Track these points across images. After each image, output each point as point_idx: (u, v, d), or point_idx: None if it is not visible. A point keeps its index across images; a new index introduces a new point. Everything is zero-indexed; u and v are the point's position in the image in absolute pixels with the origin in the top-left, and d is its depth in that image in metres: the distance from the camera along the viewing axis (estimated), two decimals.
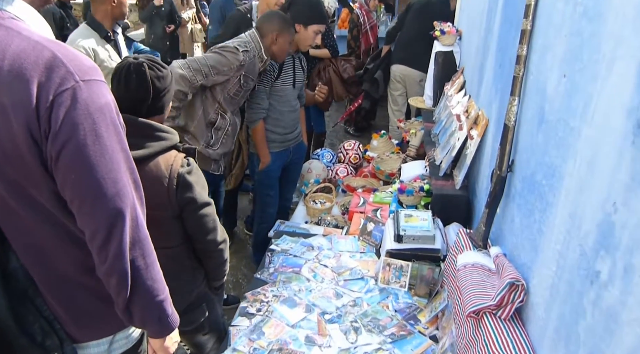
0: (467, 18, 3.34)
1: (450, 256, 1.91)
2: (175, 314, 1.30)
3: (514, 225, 1.59)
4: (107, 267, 1.11)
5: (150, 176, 1.60)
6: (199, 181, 1.71)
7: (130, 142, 1.50)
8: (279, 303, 1.99)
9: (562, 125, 1.23)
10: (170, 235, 1.73)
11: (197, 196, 1.68)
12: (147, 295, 1.17)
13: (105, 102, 1.06)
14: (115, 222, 1.08)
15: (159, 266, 1.23)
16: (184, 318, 1.78)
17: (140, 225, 1.15)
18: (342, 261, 2.25)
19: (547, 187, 1.31)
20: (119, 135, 1.10)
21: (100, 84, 1.06)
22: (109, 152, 1.06)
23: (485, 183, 2.07)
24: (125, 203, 1.09)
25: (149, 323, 1.23)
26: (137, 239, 1.13)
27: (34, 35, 1.03)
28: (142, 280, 1.16)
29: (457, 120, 2.54)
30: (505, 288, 1.36)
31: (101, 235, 1.08)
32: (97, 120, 1.03)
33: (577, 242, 1.07)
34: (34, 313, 1.17)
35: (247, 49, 2.59)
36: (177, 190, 1.64)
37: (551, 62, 1.37)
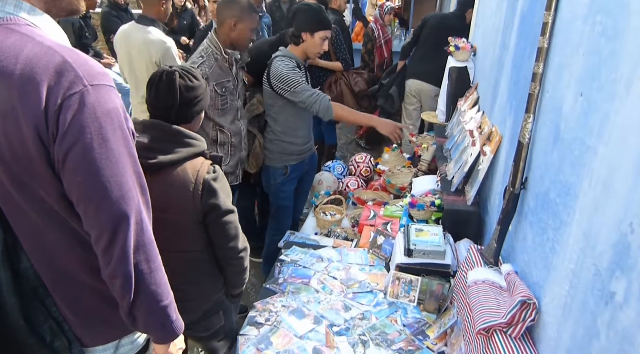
0: (482, 34, 3.35)
1: (461, 272, 1.90)
2: (180, 320, 1.30)
3: (526, 242, 1.58)
4: (111, 269, 1.12)
5: (177, 181, 1.64)
6: (223, 189, 1.73)
7: (160, 146, 1.66)
8: (287, 314, 1.99)
9: (578, 143, 1.23)
10: (192, 240, 1.75)
11: (221, 203, 1.71)
12: (150, 299, 1.19)
13: (113, 107, 1.08)
14: (120, 225, 1.10)
15: (164, 272, 1.24)
16: (201, 324, 1.87)
17: (145, 229, 1.16)
18: (351, 273, 2.25)
19: (561, 206, 1.30)
20: (126, 140, 1.12)
21: (109, 89, 1.09)
22: (115, 155, 1.08)
23: (498, 200, 2.06)
24: (130, 206, 1.11)
25: (152, 328, 1.24)
26: (141, 243, 1.15)
27: (46, 41, 1.05)
28: (145, 284, 1.17)
29: (470, 136, 2.54)
30: (517, 306, 1.35)
31: (106, 238, 1.09)
32: (103, 123, 1.06)
33: (591, 262, 1.06)
34: (43, 313, 1.19)
35: (203, 60, 2.54)
36: (202, 195, 1.66)
37: (568, 80, 1.37)
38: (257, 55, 3.08)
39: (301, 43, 2.79)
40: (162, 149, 1.64)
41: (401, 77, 4.83)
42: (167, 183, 1.65)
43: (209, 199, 1.68)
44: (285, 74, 2.71)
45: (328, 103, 2.78)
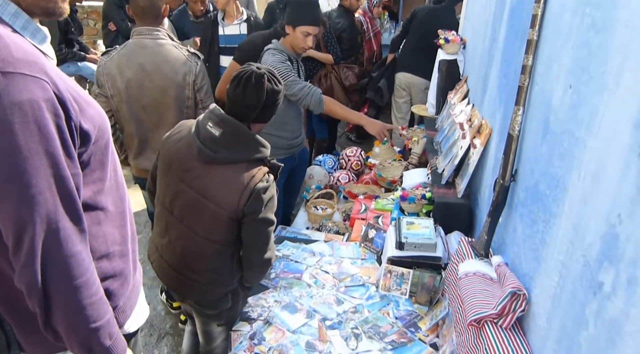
0: (471, 27, 3.36)
1: (452, 265, 1.91)
2: (120, 346, 1.16)
3: (516, 234, 1.59)
4: (17, 275, 1.02)
5: (231, 179, 1.71)
6: (271, 200, 1.79)
7: (227, 143, 1.71)
8: (280, 309, 1.99)
9: (567, 136, 1.24)
10: (224, 233, 1.79)
11: (262, 212, 1.75)
12: (71, 319, 1.06)
13: (29, 99, 0.96)
14: (24, 230, 0.98)
15: (98, 289, 1.11)
16: (211, 303, 1.94)
17: (63, 241, 1.03)
18: (343, 267, 2.25)
19: (550, 198, 1.31)
20: (45, 137, 0.98)
21: (29, 79, 0.97)
22: (22, 152, 0.96)
23: (488, 193, 2.07)
24: (37, 211, 0.98)
25: (77, 348, 1.10)
26: (56, 256, 1.02)
27: None
28: (64, 302, 1.04)
29: (460, 129, 2.55)
30: (507, 297, 1.36)
31: (11, 240, 1.00)
32: (10, 116, 0.94)
33: (580, 253, 1.07)
34: None
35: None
36: (248, 201, 1.71)
37: (557, 72, 1.38)
38: (250, 49, 3.06)
39: (287, 36, 2.77)
40: (228, 146, 1.71)
41: (391, 70, 4.82)
42: (221, 177, 1.72)
43: (252, 206, 1.72)
44: (274, 67, 2.70)
45: (320, 96, 2.77)
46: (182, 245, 1.84)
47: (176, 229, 1.84)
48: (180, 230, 1.83)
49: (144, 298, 1.53)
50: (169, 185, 1.84)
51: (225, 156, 1.71)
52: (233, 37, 3.65)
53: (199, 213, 1.76)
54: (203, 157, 1.73)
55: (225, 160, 1.72)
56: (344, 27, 4.47)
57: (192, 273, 1.86)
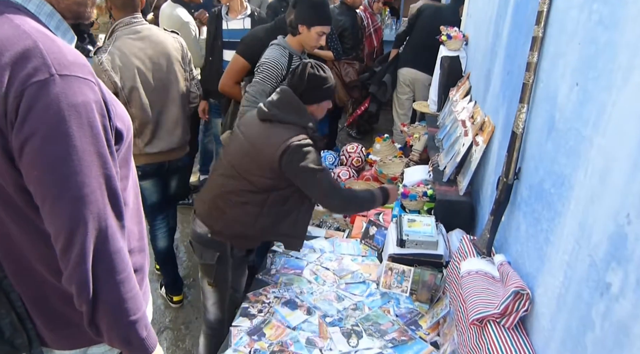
0: (474, 24, 3.34)
1: (453, 263, 1.90)
2: (153, 338, 1.20)
3: (519, 233, 1.58)
4: (67, 274, 1.04)
5: (276, 133, 2.01)
6: (310, 154, 2.00)
7: (279, 105, 2.04)
8: (280, 305, 1.98)
9: (574, 133, 1.22)
10: (260, 176, 2.02)
11: (301, 161, 1.97)
12: (114, 313, 1.09)
13: (83, 101, 1.00)
14: (77, 229, 1.01)
15: (134, 284, 1.14)
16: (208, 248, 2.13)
17: (110, 237, 1.06)
18: (343, 264, 2.24)
19: (555, 196, 1.30)
20: (95, 138, 1.02)
21: (82, 81, 1.00)
22: (77, 152, 0.99)
23: (490, 190, 2.06)
24: (90, 209, 1.02)
25: (117, 342, 1.14)
26: (104, 253, 1.05)
27: (25, 24, 0.99)
28: (108, 297, 1.07)
29: (463, 126, 2.53)
30: (510, 296, 1.35)
31: (61, 240, 1.01)
32: (67, 117, 0.97)
33: (586, 253, 1.06)
34: (6, 306, 1.12)
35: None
36: (284, 153, 1.96)
37: (563, 70, 1.36)
38: (253, 41, 3.03)
39: (298, 34, 2.73)
40: (280, 108, 2.05)
41: (394, 65, 4.80)
42: (269, 131, 2.04)
43: (289, 157, 1.97)
44: (264, 63, 2.69)
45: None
46: (223, 180, 2.12)
47: (221, 168, 2.16)
48: (224, 167, 2.14)
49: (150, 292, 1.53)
50: (233, 137, 2.22)
51: (275, 113, 2.04)
52: (237, 31, 3.63)
53: (243, 155, 2.07)
54: (259, 114, 2.10)
55: (275, 118, 2.04)
56: (346, 25, 4.43)
57: (223, 203, 2.10)
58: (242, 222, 2.07)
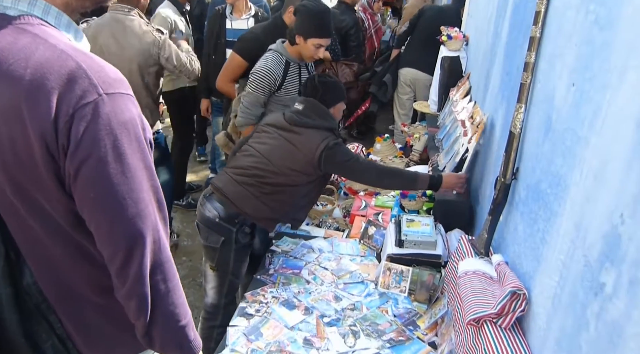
0: (474, 24, 3.34)
1: (452, 263, 1.90)
2: (198, 339, 1.23)
3: (516, 233, 1.58)
4: (126, 290, 1.05)
5: (312, 134, 2.22)
6: (341, 151, 2.23)
7: (307, 113, 2.26)
8: (278, 305, 1.98)
9: (570, 134, 1.22)
10: (295, 169, 2.21)
11: (338, 156, 2.20)
12: (168, 320, 1.12)
13: (130, 117, 1.00)
14: (136, 245, 1.02)
15: (181, 289, 1.18)
16: (213, 231, 2.24)
17: (162, 247, 1.09)
18: (342, 264, 2.24)
19: (552, 196, 1.30)
20: (142, 152, 1.03)
21: (125, 98, 1.00)
22: (131, 170, 1.00)
23: (489, 191, 2.06)
24: (147, 224, 1.04)
25: (169, 348, 1.16)
26: (158, 262, 1.08)
27: (60, 43, 0.97)
28: (163, 305, 1.10)
29: (462, 126, 2.53)
30: (507, 296, 1.35)
31: (120, 258, 1.02)
32: (119, 136, 0.98)
33: (581, 253, 1.06)
34: (46, 330, 1.12)
35: None
36: (320, 156, 2.16)
37: (560, 70, 1.36)
38: (250, 40, 3.02)
39: (295, 44, 2.69)
40: (307, 115, 2.26)
41: (395, 65, 4.79)
42: (303, 135, 2.23)
43: (330, 153, 2.18)
44: (257, 72, 2.68)
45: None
46: (258, 171, 2.24)
47: (257, 161, 2.27)
48: (262, 161, 2.25)
49: None
50: (261, 131, 2.38)
51: (306, 122, 2.25)
52: (240, 31, 3.63)
53: (284, 153, 2.24)
54: (289, 119, 2.28)
55: (307, 124, 2.25)
56: (350, 24, 4.42)
57: (256, 190, 2.22)
58: (272, 208, 2.23)
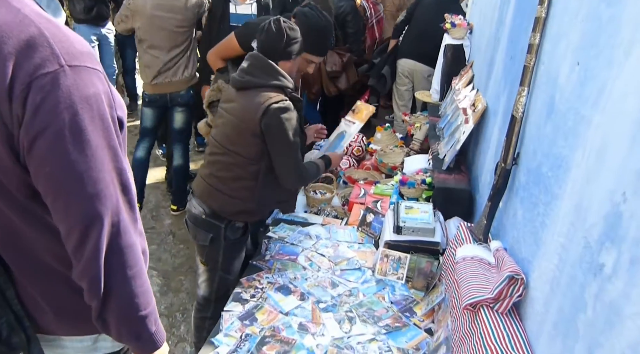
0: (479, 11, 3.29)
1: (450, 250, 1.87)
2: (162, 332, 1.19)
3: (516, 218, 1.54)
4: (79, 270, 1.01)
5: (252, 100, 2.01)
6: (289, 121, 2.01)
7: (252, 71, 2.05)
8: (273, 290, 1.95)
9: (573, 114, 1.19)
10: (248, 147, 2.05)
11: (280, 129, 1.99)
12: (124, 308, 1.07)
13: (94, 92, 0.95)
14: (91, 226, 0.97)
15: (145, 279, 1.13)
16: (201, 229, 2.16)
17: (123, 231, 1.03)
18: (339, 251, 2.21)
19: (552, 179, 1.26)
20: (106, 131, 0.99)
21: (92, 72, 0.96)
22: (91, 147, 0.95)
23: (489, 178, 2.02)
24: (105, 206, 0.99)
25: (126, 337, 1.12)
26: (117, 247, 1.03)
27: (25, 8, 0.93)
28: (119, 292, 1.05)
29: (464, 114, 2.49)
30: (505, 281, 1.32)
31: (75, 237, 0.98)
32: (80, 111, 0.93)
33: (581, 234, 1.02)
34: (2, 306, 1.09)
35: None
36: (264, 115, 1.97)
37: (564, 49, 1.32)
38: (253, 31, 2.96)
39: None
40: (253, 73, 2.05)
41: (393, 56, 4.73)
42: (246, 99, 2.04)
43: (268, 120, 1.98)
44: None
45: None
46: (214, 158, 2.15)
47: (212, 147, 2.17)
48: (215, 146, 2.15)
49: None
50: (217, 117, 2.21)
51: (249, 80, 2.04)
52: (244, 16, 3.59)
53: (228, 129, 2.09)
54: (234, 83, 2.11)
55: (250, 84, 2.04)
56: (347, 10, 4.34)
57: (218, 181, 2.12)
58: (242, 197, 2.10)
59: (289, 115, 2.01)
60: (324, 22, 2.49)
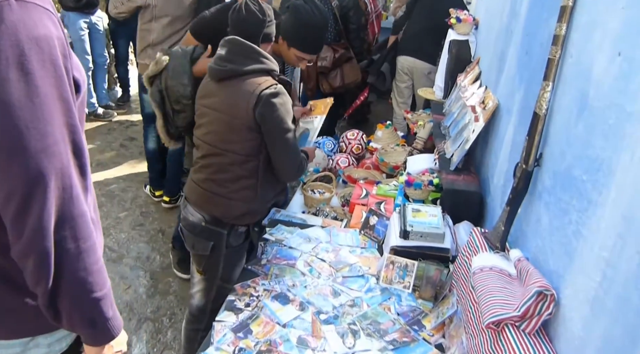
0: (486, 6, 3.15)
1: (462, 258, 1.73)
2: (118, 318, 1.05)
3: (540, 225, 1.41)
4: (22, 245, 0.87)
5: (239, 89, 1.85)
6: (283, 105, 1.87)
7: (233, 58, 1.86)
8: (270, 299, 1.80)
9: (615, 111, 1.05)
10: (242, 142, 1.90)
11: (275, 116, 1.84)
12: (78, 288, 0.94)
13: (45, 34, 0.84)
14: (35, 187, 0.84)
15: (99, 255, 0.99)
16: (198, 234, 1.99)
17: (75, 198, 0.90)
18: (341, 256, 2.07)
19: (589, 184, 1.13)
20: (59, 80, 0.86)
21: (42, 11, 0.84)
22: (39, 95, 0.83)
23: (503, 179, 1.89)
24: (53, 164, 0.86)
25: (79, 324, 0.98)
26: (68, 215, 0.89)
27: None
28: (71, 269, 0.92)
29: (472, 112, 2.36)
30: (532, 297, 1.18)
31: (16, 201, 0.84)
32: (27, 51, 0.81)
33: (635, 249, 0.88)
34: None
35: None
36: (257, 105, 1.82)
37: (600, 40, 1.18)
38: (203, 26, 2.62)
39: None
40: (234, 60, 1.87)
41: (393, 53, 4.59)
42: (232, 89, 1.87)
43: (262, 109, 1.82)
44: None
45: None
46: (207, 161, 1.98)
47: (203, 150, 1.99)
48: (206, 148, 1.97)
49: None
50: (199, 116, 2.01)
51: (231, 68, 1.86)
52: None
53: (218, 127, 1.91)
54: (214, 74, 1.92)
55: (232, 73, 1.86)
56: (349, 4, 4.20)
57: (215, 185, 1.96)
58: (244, 198, 1.97)
59: (283, 99, 1.87)
60: (318, 18, 2.32)
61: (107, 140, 5.02)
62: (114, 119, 5.49)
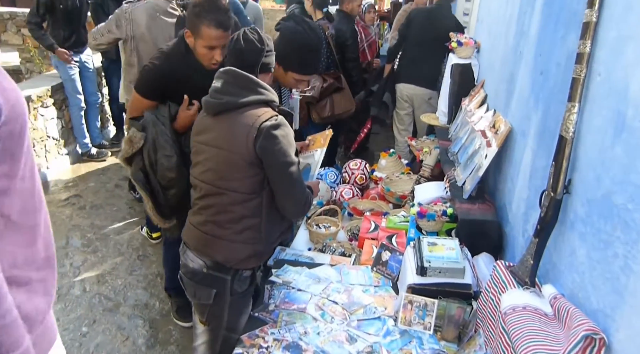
0: (488, 28, 3.09)
1: (486, 295, 1.60)
2: None
3: (575, 258, 1.28)
4: None
5: (238, 122, 1.75)
6: (285, 137, 1.77)
7: (229, 90, 1.78)
8: (280, 349, 1.65)
9: None
10: (244, 179, 1.78)
11: (275, 149, 1.73)
12: None
13: None
14: None
15: (11, 308, 0.86)
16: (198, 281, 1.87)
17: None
18: (353, 296, 1.92)
19: (636, 213, 1.01)
20: None
21: None
22: None
23: (523, 207, 1.77)
24: None
25: None
26: None
27: None
28: None
29: (483, 137, 2.26)
30: (580, 342, 1.05)
31: None
32: None
33: None
34: None
35: None
36: (257, 139, 1.72)
37: (635, 55, 1.09)
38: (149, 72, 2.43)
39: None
40: (231, 92, 1.78)
41: (391, 81, 4.54)
42: (229, 123, 1.77)
43: (263, 143, 1.72)
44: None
45: None
46: (206, 201, 1.86)
47: (202, 190, 1.87)
48: (204, 188, 1.85)
49: (61, 346, 1.19)
50: (195, 154, 1.90)
51: (228, 100, 1.77)
52: None
53: (217, 164, 1.80)
54: (210, 108, 1.81)
55: (229, 106, 1.77)
56: (347, 35, 4.14)
57: (216, 227, 1.84)
58: (248, 239, 1.84)
59: (284, 131, 1.77)
60: (312, 37, 2.28)
61: (101, 180, 4.89)
62: (107, 159, 5.37)
